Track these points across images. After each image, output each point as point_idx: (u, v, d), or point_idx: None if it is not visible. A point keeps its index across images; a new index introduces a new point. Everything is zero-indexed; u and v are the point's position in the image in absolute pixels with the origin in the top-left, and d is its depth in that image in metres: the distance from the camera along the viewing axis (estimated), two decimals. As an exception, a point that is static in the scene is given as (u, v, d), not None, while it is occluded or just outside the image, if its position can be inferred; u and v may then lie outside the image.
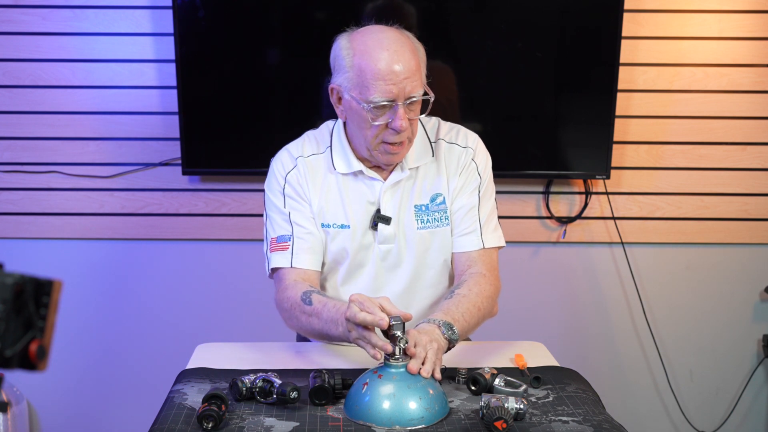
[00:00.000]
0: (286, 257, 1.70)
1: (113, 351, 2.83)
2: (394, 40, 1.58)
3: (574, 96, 2.63)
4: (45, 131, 2.65)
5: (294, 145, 1.78)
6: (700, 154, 2.73)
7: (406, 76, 1.55)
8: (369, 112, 1.58)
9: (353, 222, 1.72)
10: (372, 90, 1.55)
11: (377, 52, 1.56)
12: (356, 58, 1.58)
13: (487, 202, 1.76)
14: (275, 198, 1.74)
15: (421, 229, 1.73)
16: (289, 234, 1.71)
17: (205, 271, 2.78)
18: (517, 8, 2.53)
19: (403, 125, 1.57)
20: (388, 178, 1.72)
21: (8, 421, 2.64)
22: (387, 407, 1.37)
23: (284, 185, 1.73)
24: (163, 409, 1.46)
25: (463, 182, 1.74)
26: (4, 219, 2.71)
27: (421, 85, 1.59)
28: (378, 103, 1.56)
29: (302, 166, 1.73)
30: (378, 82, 1.55)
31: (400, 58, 1.55)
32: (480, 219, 1.73)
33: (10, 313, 0.77)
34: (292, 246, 1.70)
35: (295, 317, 1.64)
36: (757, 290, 2.86)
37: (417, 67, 1.58)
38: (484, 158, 1.77)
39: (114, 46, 2.60)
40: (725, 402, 2.94)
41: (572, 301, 2.86)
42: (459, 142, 1.76)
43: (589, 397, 1.54)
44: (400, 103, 1.56)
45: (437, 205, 1.74)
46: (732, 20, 2.63)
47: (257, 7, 2.50)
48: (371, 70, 1.55)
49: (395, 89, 1.55)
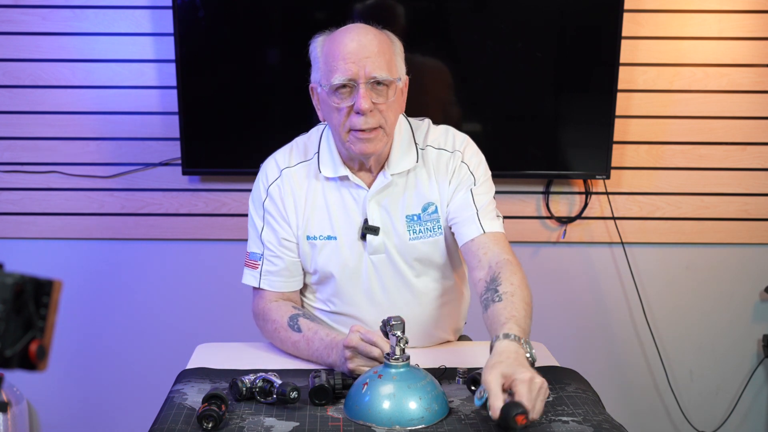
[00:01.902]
0: (255, 277, 1.74)
1: (113, 351, 2.83)
2: (360, 27, 1.59)
3: (574, 96, 2.63)
4: (45, 131, 2.65)
5: (281, 154, 1.76)
6: (700, 154, 2.73)
7: (367, 56, 1.54)
8: (333, 96, 1.57)
9: (339, 233, 1.69)
10: (334, 71, 1.55)
11: (342, 36, 1.58)
12: (324, 47, 1.61)
13: (482, 197, 1.70)
14: (254, 211, 1.74)
15: (414, 239, 1.69)
16: (260, 254, 1.73)
17: (205, 271, 2.78)
18: (517, 8, 2.53)
19: (364, 105, 1.54)
20: (372, 185, 1.68)
21: (8, 421, 2.64)
22: (387, 407, 1.37)
23: (265, 198, 1.72)
24: (163, 409, 1.46)
25: (455, 186, 1.70)
26: (4, 219, 2.71)
27: (389, 71, 1.56)
28: (339, 82, 1.55)
29: (287, 178, 1.71)
30: (339, 62, 1.55)
31: (362, 39, 1.56)
32: (477, 208, 1.68)
33: (10, 313, 0.77)
34: (261, 267, 1.73)
35: (279, 338, 1.69)
36: (757, 290, 2.86)
37: (381, 51, 1.56)
38: (475, 157, 1.72)
39: (114, 46, 2.60)
40: (725, 402, 2.94)
41: (572, 301, 2.86)
42: (447, 147, 1.72)
43: (589, 397, 1.54)
44: (362, 83, 1.54)
45: (429, 215, 1.70)
46: (732, 20, 2.64)
47: (257, 7, 2.50)
48: (333, 52, 1.56)
49: (354, 68, 1.54)
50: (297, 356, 1.67)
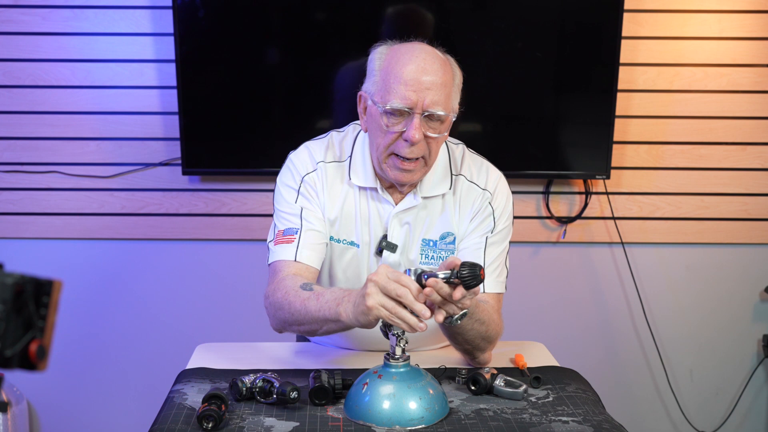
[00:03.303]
0: (290, 250, 1.62)
1: (113, 351, 2.82)
2: (428, 53, 1.54)
3: (574, 96, 2.63)
4: (45, 131, 2.65)
5: (317, 147, 1.70)
6: (700, 154, 2.73)
7: (429, 87, 1.50)
8: (385, 117, 1.53)
9: (362, 242, 1.67)
10: (392, 94, 1.51)
11: (407, 57, 1.53)
12: (386, 62, 1.55)
13: (495, 248, 1.67)
14: (288, 193, 1.68)
15: (424, 264, 1.66)
16: (297, 228, 1.64)
17: (205, 271, 2.78)
18: (517, 8, 2.53)
19: (416, 137, 1.50)
20: (400, 203, 1.66)
21: (8, 421, 2.64)
22: (387, 407, 1.37)
23: (301, 184, 1.66)
24: (163, 409, 1.46)
25: (475, 226, 1.67)
26: (4, 219, 2.71)
27: (445, 106, 1.53)
28: (395, 107, 1.51)
29: (322, 172, 1.67)
30: (399, 86, 1.50)
31: (428, 68, 1.51)
32: (484, 262, 1.64)
33: (10, 313, 0.77)
34: (298, 239, 1.63)
35: (287, 302, 1.52)
36: (757, 290, 2.86)
37: (444, 84, 1.52)
38: (502, 202, 1.69)
39: (114, 46, 2.60)
40: (725, 402, 2.94)
41: (572, 301, 2.86)
42: (479, 182, 1.68)
43: (589, 397, 1.54)
44: (417, 113, 1.51)
45: (446, 244, 1.68)
46: (732, 20, 2.64)
47: (257, 7, 2.50)
48: (396, 73, 1.52)
49: (414, 96, 1.50)
50: (302, 323, 1.52)
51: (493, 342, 1.63)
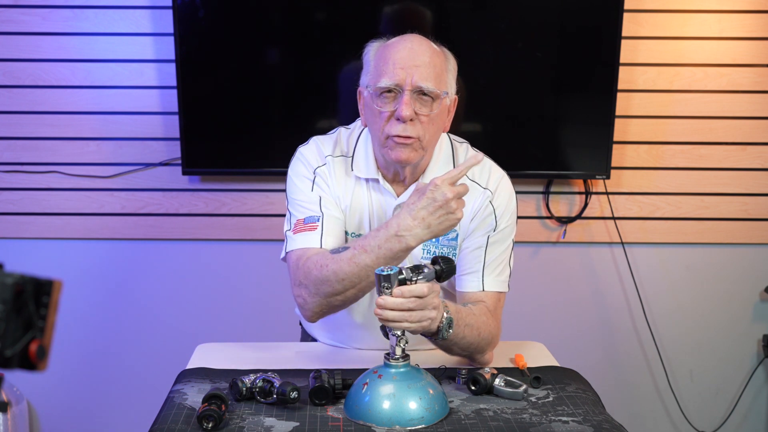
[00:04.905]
0: (314, 237, 1.60)
1: (113, 351, 2.83)
2: (416, 37, 1.58)
3: (574, 96, 2.63)
4: (45, 131, 2.65)
5: (326, 142, 1.72)
6: (700, 154, 2.73)
7: (416, 64, 1.53)
8: (377, 99, 1.55)
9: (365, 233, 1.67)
10: (381, 75, 1.54)
11: (395, 43, 1.58)
12: (377, 52, 1.60)
13: (497, 246, 1.67)
14: (303, 183, 1.68)
15: (425, 259, 1.66)
16: (318, 216, 1.63)
17: (205, 271, 2.78)
18: (517, 8, 2.53)
19: (406, 112, 1.51)
20: (402, 194, 1.66)
21: (8, 421, 2.64)
22: (387, 407, 1.37)
23: (315, 176, 1.67)
24: (163, 409, 1.46)
25: (476, 225, 1.67)
26: (4, 219, 2.71)
27: (436, 83, 1.54)
28: (384, 86, 1.53)
29: (330, 166, 1.68)
30: (388, 66, 1.54)
31: (414, 47, 1.55)
32: (485, 260, 1.66)
33: (10, 313, 0.77)
34: (321, 227, 1.62)
35: (332, 272, 1.50)
36: (757, 290, 2.86)
37: (433, 64, 1.55)
38: (504, 200, 1.68)
39: (114, 46, 2.60)
40: (725, 402, 2.94)
41: (572, 301, 2.86)
42: (481, 181, 1.68)
43: (589, 397, 1.54)
44: (407, 89, 1.52)
45: (448, 240, 1.67)
46: (732, 20, 2.64)
47: (257, 7, 2.50)
48: (385, 57, 1.55)
49: (402, 73, 1.52)
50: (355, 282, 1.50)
51: (491, 343, 1.63)
